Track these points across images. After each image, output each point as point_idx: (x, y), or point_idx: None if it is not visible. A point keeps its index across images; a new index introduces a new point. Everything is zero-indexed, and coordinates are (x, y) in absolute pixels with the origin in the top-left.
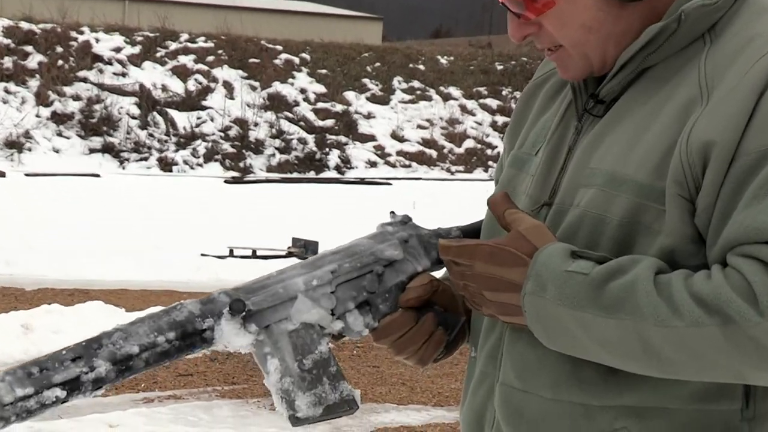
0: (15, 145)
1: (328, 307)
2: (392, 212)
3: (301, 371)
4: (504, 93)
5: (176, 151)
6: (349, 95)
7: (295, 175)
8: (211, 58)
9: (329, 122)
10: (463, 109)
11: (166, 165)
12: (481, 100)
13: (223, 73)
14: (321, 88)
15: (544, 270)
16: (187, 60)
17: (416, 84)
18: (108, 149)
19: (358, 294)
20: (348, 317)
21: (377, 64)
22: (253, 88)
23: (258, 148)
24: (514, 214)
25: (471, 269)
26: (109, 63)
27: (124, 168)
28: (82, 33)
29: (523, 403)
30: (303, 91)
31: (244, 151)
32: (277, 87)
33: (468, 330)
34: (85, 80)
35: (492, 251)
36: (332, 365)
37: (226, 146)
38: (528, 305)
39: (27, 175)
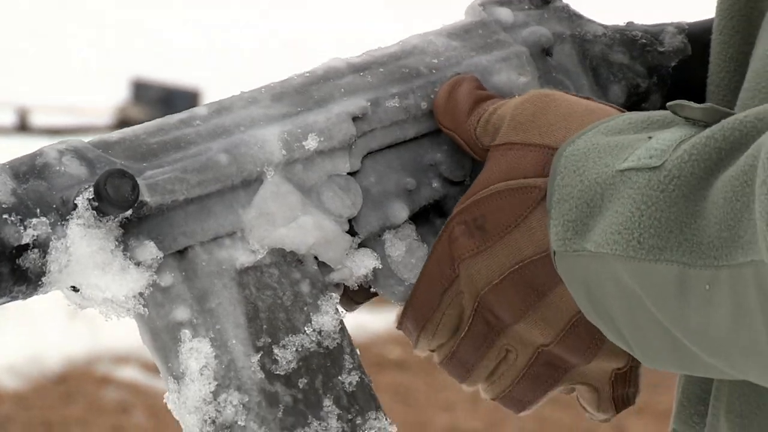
0: None
1: (340, 212)
2: None
3: (270, 379)
4: None
5: None
6: None
7: None
8: None
9: None
10: None
11: None
12: None
13: None
14: None
15: (571, 179)
16: None
17: None
18: None
19: (418, 181)
20: (389, 242)
21: None
22: None
23: None
24: None
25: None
26: None
27: None
28: None
29: None
30: None
31: None
32: None
33: None
34: None
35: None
36: (347, 368)
37: None
38: (563, 272)
39: None
